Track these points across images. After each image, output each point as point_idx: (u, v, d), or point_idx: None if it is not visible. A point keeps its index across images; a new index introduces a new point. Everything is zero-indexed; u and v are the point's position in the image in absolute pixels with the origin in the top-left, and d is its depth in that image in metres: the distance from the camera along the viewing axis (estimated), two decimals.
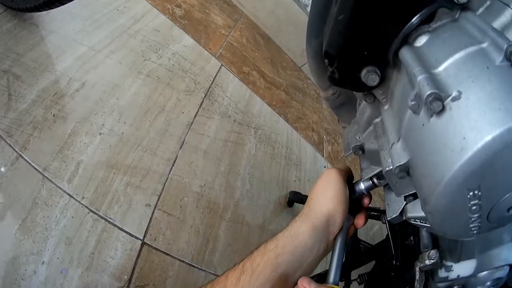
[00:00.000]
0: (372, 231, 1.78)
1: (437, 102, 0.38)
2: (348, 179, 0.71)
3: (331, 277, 0.63)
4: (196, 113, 1.48)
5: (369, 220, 1.04)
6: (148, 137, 1.26)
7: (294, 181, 1.69)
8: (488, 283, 0.73)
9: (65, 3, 1.04)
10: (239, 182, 1.45)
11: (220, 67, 1.76)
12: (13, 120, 1.01)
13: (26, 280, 0.87)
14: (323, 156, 1.99)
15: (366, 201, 0.71)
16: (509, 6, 0.44)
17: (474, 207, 0.42)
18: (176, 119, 1.39)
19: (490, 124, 0.36)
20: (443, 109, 0.39)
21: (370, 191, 0.70)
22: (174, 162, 1.29)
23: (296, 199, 1.53)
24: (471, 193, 0.40)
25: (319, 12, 0.60)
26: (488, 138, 0.35)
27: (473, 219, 0.44)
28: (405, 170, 0.48)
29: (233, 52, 1.94)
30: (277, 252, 0.58)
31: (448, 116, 0.39)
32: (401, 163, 0.47)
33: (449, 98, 0.39)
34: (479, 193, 0.40)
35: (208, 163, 1.39)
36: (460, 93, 0.39)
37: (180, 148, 1.34)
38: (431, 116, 0.40)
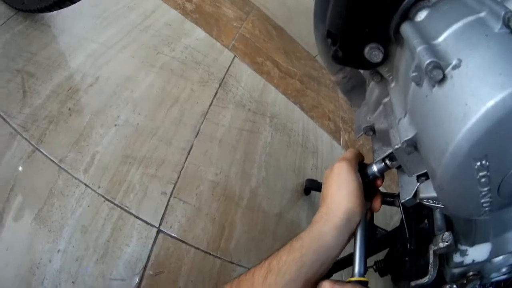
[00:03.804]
0: (392, 221, 1.76)
1: (437, 71, 0.38)
2: (360, 162, 0.70)
3: (356, 268, 0.63)
4: (211, 103, 1.49)
5: (389, 210, 1.04)
6: (163, 127, 1.27)
7: (311, 169, 1.68)
8: (504, 269, 0.72)
9: (76, 2, 1.06)
10: (255, 169, 1.45)
11: (233, 58, 1.76)
12: (28, 115, 1.04)
13: (41, 268, 0.89)
14: (340, 144, 1.98)
15: (378, 182, 0.70)
16: None
17: (483, 179, 0.41)
18: (190, 109, 1.40)
19: (491, 89, 0.35)
20: (444, 78, 0.38)
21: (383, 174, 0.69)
22: (190, 151, 1.30)
23: (313, 187, 1.53)
24: (478, 163, 0.39)
25: None
26: (490, 103, 0.35)
27: (483, 193, 0.43)
28: (413, 144, 0.47)
29: (245, 44, 1.94)
30: (302, 251, 0.59)
31: (449, 84, 0.38)
32: (408, 137, 0.47)
33: (450, 67, 0.39)
34: (487, 163, 0.39)
35: (223, 152, 1.40)
36: (460, 61, 0.38)
37: (196, 137, 1.34)
38: (433, 86, 0.40)
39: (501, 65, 0.37)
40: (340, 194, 0.64)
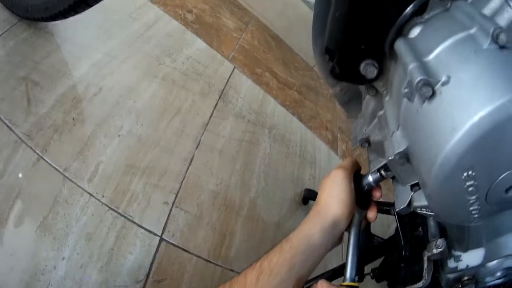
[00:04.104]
0: (390, 230, 1.79)
1: (427, 88, 0.40)
2: (356, 172, 0.73)
3: (348, 273, 0.66)
4: (211, 114, 1.52)
5: (386, 219, 1.07)
6: (165, 138, 1.30)
7: (309, 179, 1.71)
8: (499, 273, 0.74)
9: (80, 13, 1.07)
10: (254, 180, 1.48)
11: (233, 70, 1.80)
12: (33, 124, 1.05)
13: (45, 275, 0.91)
14: (337, 155, 2.01)
15: (377, 194, 0.73)
16: None
17: (470, 188, 0.44)
18: (192, 120, 1.42)
19: (477, 104, 0.38)
20: (433, 94, 0.41)
21: (379, 184, 0.72)
22: (191, 161, 1.32)
23: (311, 197, 1.55)
24: (465, 174, 0.42)
25: (322, 11, 0.62)
26: (476, 118, 0.37)
27: (471, 201, 0.46)
28: (405, 156, 0.50)
29: (245, 54, 1.97)
30: (292, 253, 0.63)
31: (438, 100, 0.41)
32: (401, 150, 0.50)
33: (439, 83, 0.41)
34: (474, 174, 0.42)
35: (223, 162, 1.42)
36: (449, 77, 0.41)
37: (196, 148, 1.37)
38: (424, 102, 0.43)
39: (488, 80, 0.39)
40: (331, 200, 0.68)
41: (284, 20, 2.42)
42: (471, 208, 0.47)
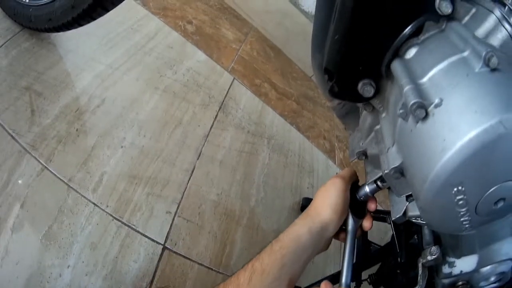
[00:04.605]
0: (387, 237, 1.81)
1: (421, 110, 0.44)
2: (354, 182, 0.77)
3: (343, 279, 0.69)
4: (212, 125, 1.55)
5: (383, 226, 1.10)
6: (167, 149, 1.33)
7: (307, 188, 1.74)
8: (492, 278, 0.76)
9: (83, 25, 1.09)
10: (254, 190, 1.51)
11: (232, 81, 1.83)
12: (37, 134, 1.08)
13: (51, 282, 0.93)
14: (335, 163, 2.04)
15: (372, 206, 0.76)
16: (493, 12, 0.48)
17: (460, 202, 0.47)
18: (193, 131, 1.45)
19: (467, 125, 0.41)
20: (426, 116, 0.44)
21: (375, 195, 0.76)
22: (192, 172, 1.35)
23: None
24: (455, 189, 0.45)
25: (321, 29, 0.65)
26: (465, 139, 0.41)
27: (461, 213, 0.49)
28: (399, 171, 0.53)
29: (244, 66, 2.01)
30: (282, 252, 0.65)
31: (431, 121, 0.44)
32: (395, 165, 0.53)
33: (432, 105, 0.44)
34: (463, 189, 0.45)
35: (224, 173, 1.45)
36: (441, 100, 0.44)
37: (198, 159, 1.40)
38: (417, 122, 0.46)
39: (478, 103, 0.42)
40: (323, 205, 0.71)
41: (282, 30, 2.45)
42: (462, 219, 0.50)
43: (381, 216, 0.95)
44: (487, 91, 0.43)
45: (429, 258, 0.72)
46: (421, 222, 0.61)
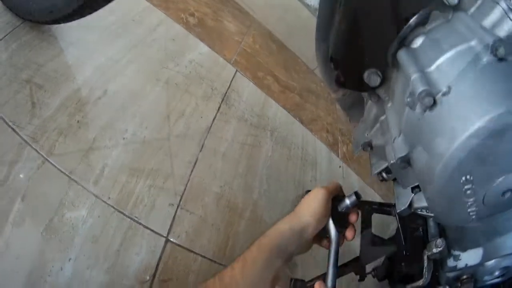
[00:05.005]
0: (389, 230, 1.81)
1: (429, 98, 0.43)
2: (338, 195, 0.83)
3: (328, 283, 0.75)
4: (214, 117, 1.54)
5: (386, 219, 1.09)
6: (169, 141, 1.32)
7: (310, 181, 1.73)
8: (497, 273, 0.76)
9: (85, 16, 1.08)
10: (256, 182, 1.50)
11: (235, 73, 1.82)
12: (37, 126, 1.07)
13: (52, 276, 0.92)
14: (338, 156, 2.03)
15: (353, 217, 0.83)
16: (499, 3, 0.47)
17: (468, 191, 0.46)
18: (195, 123, 1.45)
19: (475, 114, 0.40)
20: (434, 104, 0.44)
21: (356, 209, 0.83)
22: (195, 164, 1.35)
23: None
24: (463, 178, 0.44)
25: (326, 17, 0.65)
26: (473, 127, 0.40)
27: (469, 203, 0.48)
28: (406, 161, 0.53)
29: (247, 58, 2.00)
30: (269, 246, 0.73)
31: (439, 109, 0.44)
32: (402, 155, 0.52)
33: (440, 94, 0.44)
34: (471, 178, 0.44)
35: (226, 165, 1.45)
36: (449, 88, 0.43)
37: (200, 151, 1.39)
38: (425, 110, 0.45)
39: (486, 93, 0.42)
40: (304, 210, 0.78)
41: (285, 23, 2.44)
42: (469, 210, 0.50)
43: (385, 209, 0.95)
44: (494, 81, 0.43)
45: (434, 250, 0.72)
46: (427, 214, 0.61)
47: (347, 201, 0.79)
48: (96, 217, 1.05)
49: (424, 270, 0.74)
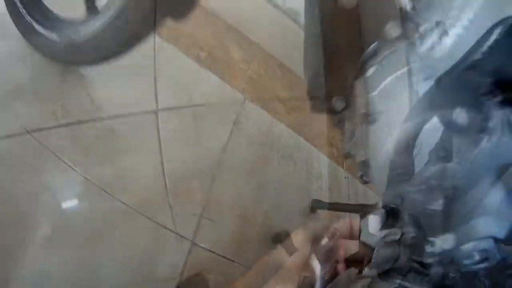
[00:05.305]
0: None
1: (368, 117, 0.61)
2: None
3: None
4: (227, 140, 1.73)
5: None
6: (191, 161, 1.52)
7: (316, 191, 1.91)
8: (477, 257, 0.87)
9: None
10: (267, 194, 1.69)
11: (244, 100, 2.01)
12: None
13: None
14: (343, 168, 2.19)
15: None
16: (436, 28, 0.54)
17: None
18: (212, 145, 1.65)
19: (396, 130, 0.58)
20: (374, 121, 0.61)
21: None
22: (214, 180, 1.54)
23: (318, 206, 1.75)
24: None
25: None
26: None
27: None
28: (366, 165, 0.70)
29: (253, 85, 2.17)
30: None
31: (377, 125, 0.61)
32: (362, 160, 0.70)
33: (378, 113, 0.61)
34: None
35: (240, 180, 1.64)
36: (384, 109, 0.61)
37: (217, 168, 1.59)
38: (368, 126, 0.63)
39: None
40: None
41: (288, 48, 2.59)
42: None
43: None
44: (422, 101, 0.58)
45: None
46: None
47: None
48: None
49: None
